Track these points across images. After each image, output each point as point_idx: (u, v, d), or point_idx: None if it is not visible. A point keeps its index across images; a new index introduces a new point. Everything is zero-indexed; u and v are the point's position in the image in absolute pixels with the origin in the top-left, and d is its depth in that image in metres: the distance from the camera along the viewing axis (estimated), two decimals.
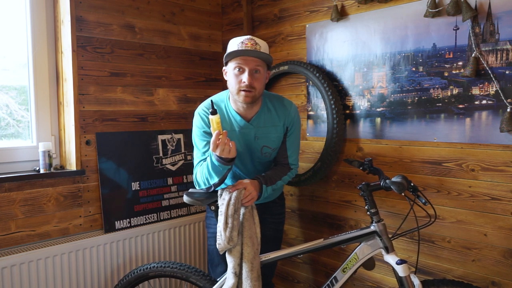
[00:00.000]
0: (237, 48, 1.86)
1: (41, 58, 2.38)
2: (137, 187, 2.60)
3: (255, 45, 1.86)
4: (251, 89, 1.87)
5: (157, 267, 2.11)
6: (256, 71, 1.88)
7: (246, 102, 1.90)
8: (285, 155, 2.09)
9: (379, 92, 2.25)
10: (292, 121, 2.05)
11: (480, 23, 1.88)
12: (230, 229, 1.81)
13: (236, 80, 1.89)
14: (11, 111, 2.36)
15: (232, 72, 1.90)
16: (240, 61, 1.86)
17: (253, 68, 1.87)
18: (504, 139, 1.85)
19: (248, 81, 1.85)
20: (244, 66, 1.86)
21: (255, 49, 1.85)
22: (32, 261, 2.14)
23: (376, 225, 1.82)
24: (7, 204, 2.17)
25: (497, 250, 1.92)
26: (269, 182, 2.00)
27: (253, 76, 1.87)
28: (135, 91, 2.63)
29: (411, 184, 1.78)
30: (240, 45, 1.86)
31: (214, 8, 3.01)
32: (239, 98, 1.91)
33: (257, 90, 1.89)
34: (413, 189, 1.78)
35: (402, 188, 1.72)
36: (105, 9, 2.48)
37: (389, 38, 2.19)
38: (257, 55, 1.85)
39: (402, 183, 1.73)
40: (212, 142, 1.74)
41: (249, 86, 1.86)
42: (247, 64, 1.86)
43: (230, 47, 1.91)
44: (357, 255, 1.86)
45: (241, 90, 1.88)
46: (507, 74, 1.83)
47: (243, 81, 1.86)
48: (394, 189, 1.73)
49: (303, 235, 2.66)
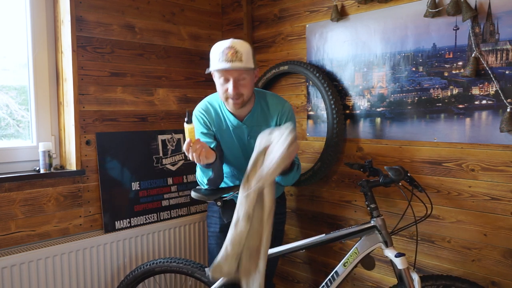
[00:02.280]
0: (218, 59, 1.83)
1: (41, 58, 2.38)
2: (137, 187, 2.60)
3: (235, 54, 1.81)
4: (239, 96, 1.88)
5: (164, 262, 2.19)
6: (241, 79, 1.87)
7: (236, 108, 1.94)
8: None
9: (379, 92, 2.25)
10: (286, 117, 2.03)
11: (480, 23, 1.88)
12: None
13: (222, 89, 1.89)
14: (11, 111, 2.36)
15: (217, 80, 1.91)
16: (223, 72, 1.86)
17: (237, 77, 1.86)
18: (504, 139, 1.85)
19: (234, 90, 1.85)
20: (228, 76, 1.86)
21: (236, 58, 1.81)
22: (32, 261, 2.14)
23: (375, 220, 1.87)
24: (7, 204, 2.17)
25: (497, 250, 1.92)
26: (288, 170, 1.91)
27: (238, 84, 1.87)
28: (135, 91, 2.63)
29: (407, 174, 1.84)
30: (221, 55, 1.83)
31: (214, 8, 3.01)
32: (228, 106, 1.94)
33: (245, 95, 1.90)
34: (410, 179, 1.85)
35: (399, 174, 1.79)
36: (105, 9, 2.48)
37: (389, 38, 2.19)
38: (237, 68, 1.82)
39: (399, 170, 1.80)
40: (184, 150, 1.73)
41: (236, 95, 1.87)
42: (230, 74, 1.85)
43: (212, 58, 1.88)
44: (357, 250, 1.89)
45: (228, 97, 1.89)
46: (507, 74, 1.83)
47: (229, 91, 1.87)
48: (392, 174, 1.79)
49: (303, 235, 2.66)
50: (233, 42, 1.85)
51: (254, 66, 1.89)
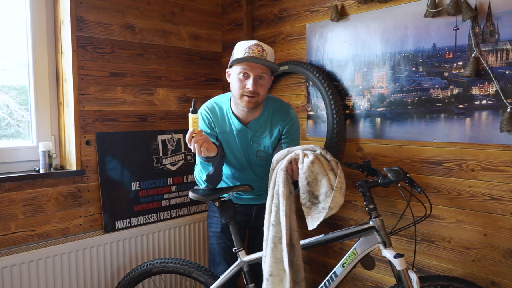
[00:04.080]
0: (243, 53, 1.85)
1: (41, 58, 2.38)
2: (137, 187, 2.61)
3: (262, 52, 1.85)
4: (255, 95, 1.88)
5: (160, 263, 2.18)
6: (260, 78, 1.88)
7: (249, 107, 1.92)
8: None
9: (379, 92, 2.25)
10: (290, 125, 2.03)
11: (480, 23, 1.88)
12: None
13: (240, 85, 1.89)
14: (11, 111, 2.36)
15: (236, 76, 1.89)
16: (246, 67, 1.86)
17: (258, 74, 1.87)
18: (504, 139, 1.85)
19: (253, 87, 1.86)
20: (250, 72, 1.86)
21: (262, 55, 1.85)
22: (32, 261, 2.14)
23: (374, 221, 1.86)
24: (7, 204, 2.17)
25: (497, 250, 1.92)
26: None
27: (257, 82, 1.87)
28: (135, 91, 2.63)
29: (407, 175, 1.83)
30: (247, 50, 1.85)
31: (214, 8, 3.01)
32: (242, 103, 1.92)
33: (260, 96, 1.90)
34: (409, 180, 1.84)
35: (398, 175, 1.78)
36: (105, 9, 2.48)
37: (389, 38, 2.19)
38: (265, 63, 1.85)
39: (398, 171, 1.79)
40: (187, 140, 1.74)
41: (253, 92, 1.87)
42: (252, 70, 1.86)
43: (236, 52, 1.90)
44: (356, 250, 1.89)
45: (244, 95, 1.88)
46: (507, 74, 1.83)
47: (247, 87, 1.86)
48: (391, 176, 1.78)
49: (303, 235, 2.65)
50: (260, 42, 1.89)
51: (274, 69, 1.91)
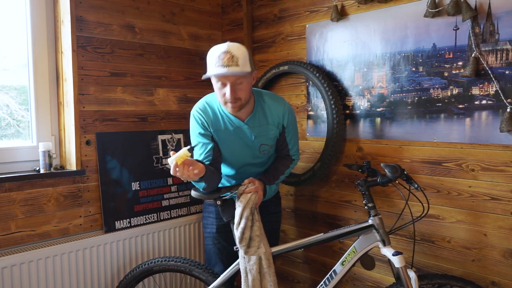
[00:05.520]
0: (215, 64, 1.81)
1: (41, 58, 2.38)
2: (137, 187, 2.61)
3: (231, 59, 1.79)
4: (236, 100, 1.87)
5: (161, 261, 2.21)
6: (238, 83, 1.85)
7: (234, 111, 1.93)
8: (286, 148, 2.12)
9: (379, 92, 2.26)
10: (287, 117, 2.05)
11: (480, 23, 1.88)
12: (242, 229, 1.89)
13: (220, 93, 1.88)
14: (11, 111, 2.36)
15: (215, 85, 1.89)
16: (220, 77, 1.84)
17: (234, 82, 1.84)
18: (504, 139, 1.85)
19: (231, 96, 1.84)
20: (225, 81, 1.84)
21: (233, 63, 1.79)
22: (32, 261, 2.14)
23: (373, 219, 1.88)
24: (7, 204, 2.17)
25: (497, 250, 1.92)
26: (272, 180, 2.06)
27: (236, 88, 1.85)
28: (135, 91, 2.63)
29: (404, 172, 1.84)
30: (217, 60, 1.80)
31: (214, 8, 3.01)
32: (227, 109, 1.93)
33: (243, 99, 1.89)
34: (407, 177, 1.85)
35: (395, 171, 1.80)
36: (105, 9, 2.48)
37: (389, 38, 2.19)
38: (233, 73, 1.80)
39: (395, 166, 1.81)
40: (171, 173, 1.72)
41: (233, 99, 1.86)
42: (227, 79, 1.83)
43: (209, 62, 1.86)
44: (355, 249, 1.91)
45: (226, 102, 1.88)
46: (507, 74, 1.83)
47: (226, 96, 1.86)
48: (388, 171, 1.80)
49: (302, 235, 2.66)
50: (229, 46, 1.82)
51: (251, 69, 1.86)
